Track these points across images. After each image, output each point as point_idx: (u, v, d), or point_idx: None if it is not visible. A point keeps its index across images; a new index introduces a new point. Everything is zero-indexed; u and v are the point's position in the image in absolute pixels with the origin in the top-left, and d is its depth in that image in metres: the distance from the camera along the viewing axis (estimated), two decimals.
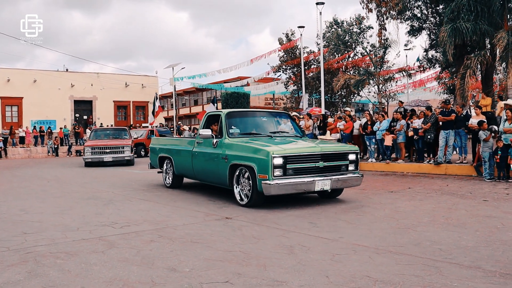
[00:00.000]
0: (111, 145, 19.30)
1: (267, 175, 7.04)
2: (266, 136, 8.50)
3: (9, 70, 37.29)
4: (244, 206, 7.58)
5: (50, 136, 31.40)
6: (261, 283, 3.86)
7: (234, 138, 8.21)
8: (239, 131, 8.53)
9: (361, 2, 22.84)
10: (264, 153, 7.13)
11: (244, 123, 8.94)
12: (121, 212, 7.55)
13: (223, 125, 8.45)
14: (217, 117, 9.12)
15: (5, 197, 9.65)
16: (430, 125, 13.04)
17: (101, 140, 20.06)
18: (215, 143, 8.43)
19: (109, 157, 19.00)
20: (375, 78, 28.08)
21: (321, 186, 7.39)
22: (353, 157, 7.92)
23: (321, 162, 7.43)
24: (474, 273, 4.04)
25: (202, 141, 8.94)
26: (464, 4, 16.39)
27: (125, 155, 19.30)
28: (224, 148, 8.13)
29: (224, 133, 8.34)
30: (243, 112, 10.14)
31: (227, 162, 7.89)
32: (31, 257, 4.76)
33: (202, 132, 8.60)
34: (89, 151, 19.04)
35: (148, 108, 42.37)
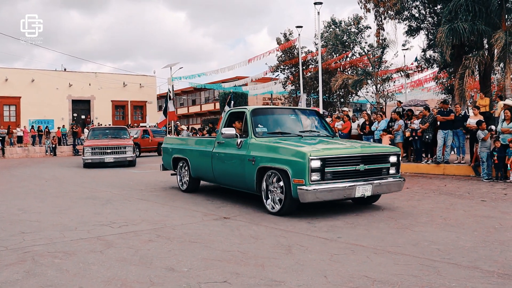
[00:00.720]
0: (112, 145, 18.34)
1: (303, 179, 6.27)
2: (296, 135, 7.78)
3: (7, 69, 37.24)
4: (275, 214, 6.82)
5: (48, 136, 31.35)
6: (259, 283, 3.86)
7: (262, 138, 7.44)
8: (266, 130, 7.77)
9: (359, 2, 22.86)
10: (300, 154, 6.37)
11: (271, 121, 8.18)
12: (119, 211, 7.55)
13: (249, 123, 7.67)
14: (240, 114, 8.32)
15: (3, 197, 9.63)
16: (428, 125, 13.07)
17: (102, 140, 19.09)
18: (240, 144, 7.63)
19: (110, 157, 18.05)
20: (373, 78, 28.11)
21: (361, 192, 6.63)
22: (394, 159, 7.17)
23: (362, 165, 6.67)
24: (472, 273, 4.05)
25: (224, 141, 8.14)
26: (462, 4, 16.42)
27: (127, 156, 18.36)
28: (250, 149, 7.36)
29: (250, 132, 7.57)
30: (269, 109, 9.21)
31: (255, 164, 7.12)
32: (29, 256, 4.76)
33: (225, 131, 7.73)
34: (89, 152, 17.99)
35: (146, 108, 42.39)
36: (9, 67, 38.79)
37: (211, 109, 50.95)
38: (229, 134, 7.73)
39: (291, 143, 6.99)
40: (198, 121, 52.40)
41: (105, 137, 19.66)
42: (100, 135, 20.01)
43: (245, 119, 7.90)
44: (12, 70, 37.29)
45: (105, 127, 23.71)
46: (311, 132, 8.27)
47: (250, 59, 33.53)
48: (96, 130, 20.91)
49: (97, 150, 18.04)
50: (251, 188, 7.39)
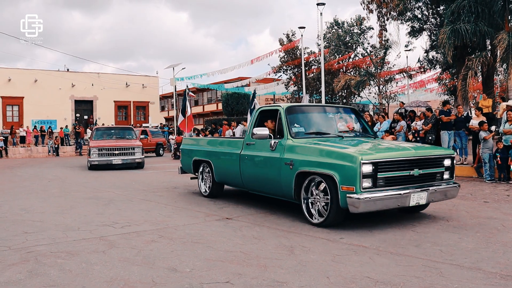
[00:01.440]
0: (120, 146, 17.26)
1: (353, 186, 5.55)
2: (336, 136, 7.07)
3: (10, 69, 37.37)
4: (318, 226, 6.08)
5: (51, 136, 31.42)
6: (262, 283, 3.86)
7: (299, 139, 6.69)
8: (304, 130, 7.04)
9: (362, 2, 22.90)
10: (350, 158, 5.64)
11: (307, 120, 7.41)
12: (122, 212, 7.56)
13: (284, 122, 6.91)
14: (273, 113, 7.50)
15: (6, 197, 9.66)
16: (431, 126, 13.05)
17: (108, 141, 18.02)
18: (274, 145, 6.84)
19: (118, 159, 17.00)
20: (376, 79, 28.08)
21: (416, 200, 5.93)
22: (448, 162, 6.45)
23: (416, 170, 5.97)
24: (475, 274, 4.04)
25: (254, 142, 7.37)
26: (465, 5, 16.40)
27: (136, 157, 17.33)
28: (286, 151, 6.58)
29: (285, 132, 6.80)
30: (306, 107, 8.34)
31: (293, 169, 6.34)
32: (32, 256, 4.77)
33: (258, 131, 6.91)
34: (95, 153, 16.90)
35: (148, 108, 42.43)
36: (12, 67, 38.95)
37: (214, 109, 50.98)
38: (261, 134, 6.92)
39: (336, 145, 6.28)
40: (201, 122, 52.41)
41: (109, 137, 18.72)
42: (105, 135, 18.97)
43: (278, 118, 7.13)
44: (15, 70, 37.41)
45: (110, 127, 22.81)
46: (351, 132, 7.58)
47: (252, 59, 33.56)
48: (100, 130, 19.71)
49: (104, 151, 16.99)
50: (287, 195, 6.64)
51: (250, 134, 7.54)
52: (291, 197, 6.55)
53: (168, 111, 56.71)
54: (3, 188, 11.35)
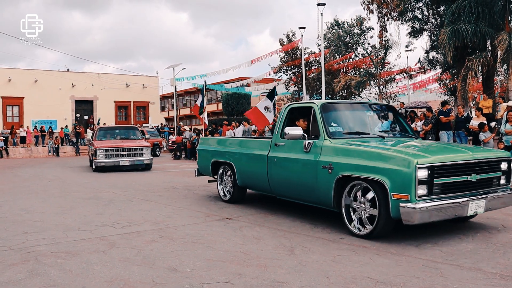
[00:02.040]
0: (128, 147, 16.33)
1: (408, 194, 4.90)
2: (377, 136, 6.46)
3: (10, 70, 37.37)
4: (363, 237, 5.43)
5: (51, 136, 31.44)
6: (262, 283, 3.86)
7: (338, 140, 6.04)
8: (341, 129, 6.41)
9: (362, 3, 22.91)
10: (404, 162, 5.00)
11: (344, 118, 6.79)
12: (122, 212, 7.56)
13: (319, 121, 6.23)
14: (304, 110, 6.89)
15: (6, 197, 9.66)
16: (431, 126, 13.06)
17: (115, 141, 17.08)
18: (308, 146, 6.17)
19: (126, 160, 16.08)
20: (376, 79, 28.09)
21: (474, 209, 5.32)
22: (505, 166, 5.80)
23: (474, 175, 5.33)
24: (475, 274, 4.05)
25: (284, 143, 6.70)
26: (465, 6, 16.41)
27: (144, 158, 16.45)
28: (324, 153, 5.92)
29: (322, 132, 6.12)
30: (342, 104, 7.55)
31: (332, 173, 5.68)
32: (32, 256, 4.78)
33: (290, 130, 6.26)
34: (102, 154, 15.91)
35: (148, 108, 42.42)
36: (12, 68, 38.97)
37: (214, 109, 51.00)
38: (294, 134, 6.25)
39: (384, 147, 5.69)
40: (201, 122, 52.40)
41: (113, 138, 17.73)
42: (108, 135, 17.93)
43: (313, 116, 6.44)
44: (15, 71, 37.41)
45: (113, 126, 22.05)
46: (392, 132, 6.95)
47: (253, 60, 33.58)
48: (104, 130, 18.63)
49: (111, 152, 16.05)
50: (325, 202, 6.00)
51: (279, 134, 6.89)
52: (329, 204, 5.90)
53: (168, 111, 56.75)
54: (3, 188, 11.36)
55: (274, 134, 7.16)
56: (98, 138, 17.45)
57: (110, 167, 16.01)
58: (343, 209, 5.72)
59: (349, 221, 5.66)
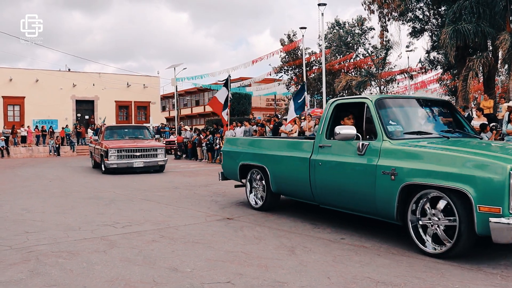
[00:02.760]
0: (142, 147, 15.33)
1: (499, 207, 4.09)
2: (441, 136, 5.66)
3: (12, 69, 37.42)
4: (436, 257, 4.59)
5: (52, 136, 31.46)
6: (263, 283, 3.86)
7: (399, 141, 5.24)
8: (402, 128, 5.55)
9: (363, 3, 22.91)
10: (494, 167, 4.20)
11: (402, 116, 5.93)
12: (123, 212, 7.56)
13: (376, 119, 5.42)
14: (354, 106, 6.14)
15: (7, 196, 9.67)
16: None
17: (126, 141, 16.04)
18: (362, 148, 5.36)
19: (139, 162, 15.05)
20: (377, 79, 28.08)
21: None
22: None
23: None
24: (476, 275, 4.04)
25: (331, 144, 5.88)
26: (466, 6, 16.41)
27: (159, 160, 15.48)
28: (383, 156, 5.11)
29: (379, 132, 5.30)
30: (399, 99, 6.73)
31: (396, 180, 4.86)
32: (33, 256, 4.78)
33: (342, 130, 5.43)
34: (114, 155, 14.82)
35: (149, 108, 42.43)
36: (13, 67, 39.00)
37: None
38: (347, 134, 5.42)
39: (464, 149, 4.93)
40: (202, 122, 52.44)
41: (121, 137, 16.68)
42: (116, 134, 16.85)
43: (366, 114, 5.63)
44: (16, 70, 37.46)
45: (122, 125, 21.05)
46: (452, 131, 6.05)
47: (254, 60, 33.56)
48: (112, 129, 17.46)
49: (124, 153, 14.98)
50: (384, 214, 5.16)
51: (324, 134, 6.07)
52: (390, 216, 5.07)
53: (169, 111, 56.76)
54: (4, 188, 11.36)
55: (317, 134, 6.26)
56: (107, 138, 16.34)
57: (122, 168, 14.96)
58: (409, 222, 4.87)
59: (416, 235, 4.82)
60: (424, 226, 4.77)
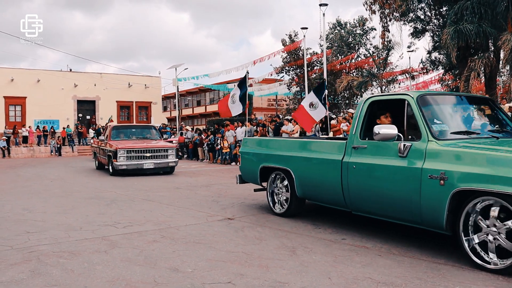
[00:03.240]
0: (152, 148, 14.75)
1: None
2: (489, 136, 5.20)
3: (13, 70, 37.44)
4: (499, 273, 4.08)
5: (53, 136, 31.49)
6: (263, 284, 3.86)
7: (446, 141, 4.77)
8: (447, 128, 5.11)
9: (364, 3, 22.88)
10: None
11: (446, 114, 5.49)
12: (124, 212, 7.57)
13: (419, 118, 4.92)
14: (391, 104, 5.64)
15: (8, 196, 9.68)
16: None
17: (135, 141, 15.47)
18: (404, 150, 4.87)
19: (150, 163, 14.41)
20: (378, 79, 28.07)
21: None
22: None
23: None
24: (477, 275, 4.04)
25: (366, 145, 5.40)
26: (468, 6, 16.40)
27: (170, 161, 14.89)
28: (429, 158, 4.62)
29: (423, 131, 4.80)
30: (442, 96, 6.25)
31: (446, 185, 4.37)
32: (34, 256, 4.78)
33: (381, 129, 4.95)
34: (123, 155, 14.15)
35: (150, 108, 42.45)
36: (15, 68, 39.03)
37: (216, 110, 50.95)
38: (388, 134, 4.94)
39: None
40: (203, 122, 52.47)
41: (128, 138, 16.04)
42: (122, 134, 16.17)
43: (407, 112, 5.16)
44: (18, 71, 37.48)
45: (129, 125, 20.53)
46: (500, 130, 5.61)
47: (255, 60, 33.55)
48: (119, 129, 16.66)
49: (133, 153, 14.33)
50: (432, 223, 4.67)
51: (358, 134, 5.59)
52: (438, 226, 4.57)
53: (170, 111, 56.78)
54: (5, 188, 11.38)
55: (350, 134, 5.78)
56: (114, 138, 15.62)
57: (132, 170, 14.29)
58: (462, 233, 4.36)
59: (471, 249, 4.30)
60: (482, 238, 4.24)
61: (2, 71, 36.17)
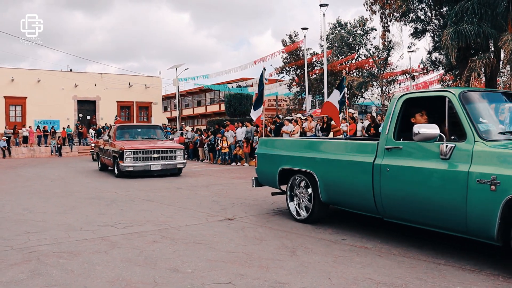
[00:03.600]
0: (160, 149, 14.08)
1: None
2: None
3: (13, 70, 37.44)
4: None
5: (54, 136, 31.50)
6: (264, 284, 3.86)
7: (495, 142, 4.34)
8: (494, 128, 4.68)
9: (365, 4, 22.85)
10: None
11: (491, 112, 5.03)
12: (124, 212, 7.57)
13: (463, 116, 4.49)
14: (429, 102, 5.23)
15: (9, 196, 9.68)
16: None
17: (142, 141, 14.90)
18: (447, 151, 4.43)
19: (157, 164, 13.77)
20: (379, 80, 28.07)
21: None
22: None
23: None
24: (477, 276, 4.03)
25: (401, 146, 4.97)
26: (468, 7, 16.38)
27: (178, 162, 14.19)
28: (478, 161, 4.20)
29: (469, 132, 4.36)
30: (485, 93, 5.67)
31: (498, 191, 3.95)
32: (34, 256, 4.78)
33: (421, 129, 4.49)
34: (130, 157, 13.51)
35: (151, 108, 42.46)
36: (15, 68, 39.03)
37: (216, 110, 51.03)
38: (429, 134, 4.48)
39: None
40: (203, 122, 52.48)
41: (133, 138, 15.33)
42: (127, 134, 15.48)
43: (448, 110, 4.68)
44: (18, 71, 37.48)
45: (135, 125, 20.06)
46: None
47: (256, 60, 33.56)
48: (123, 129, 15.91)
49: (140, 154, 13.70)
50: (480, 232, 4.23)
51: (391, 134, 5.15)
52: (488, 236, 4.14)
53: (171, 112, 56.79)
54: (5, 188, 11.38)
55: (382, 134, 5.36)
56: (119, 138, 14.96)
57: (139, 172, 13.65)
58: None
59: None
60: None
61: (2, 71, 36.19)
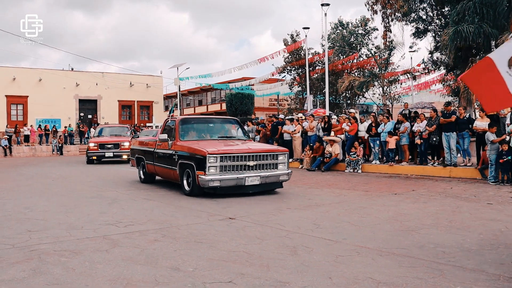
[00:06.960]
0: (255, 153, 9.21)
1: None
2: None
3: (15, 69, 37.46)
4: None
5: (55, 135, 31.52)
6: (264, 283, 3.86)
7: None
8: None
9: (366, 3, 22.89)
10: None
11: None
12: (126, 211, 7.57)
13: None
14: None
15: (10, 195, 9.70)
16: (435, 127, 13.02)
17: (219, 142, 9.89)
18: None
19: (254, 176, 9.02)
20: (380, 80, 28.04)
21: None
22: None
23: None
24: (478, 276, 4.03)
25: None
26: (470, 7, 16.38)
27: (281, 173, 9.49)
28: None
29: None
30: None
31: None
32: (36, 254, 4.79)
33: None
34: (215, 165, 8.72)
35: (152, 108, 42.46)
36: (17, 67, 39.05)
37: (218, 109, 51.00)
38: None
39: None
40: None
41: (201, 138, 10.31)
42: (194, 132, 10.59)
43: None
44: (20, 70, 37.51)
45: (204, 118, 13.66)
46: None
47: (259, 59, 33.49)
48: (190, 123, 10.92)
49: (229, 162, 8.92)
50: None
51: None
52: None
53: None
54: (7, 187, 11.40)
55: None
56: (184, 137, 10.10)
57: (228, 188, 9.00)
58: None
59: None
60: None
61: (4, 70, 36.22)
